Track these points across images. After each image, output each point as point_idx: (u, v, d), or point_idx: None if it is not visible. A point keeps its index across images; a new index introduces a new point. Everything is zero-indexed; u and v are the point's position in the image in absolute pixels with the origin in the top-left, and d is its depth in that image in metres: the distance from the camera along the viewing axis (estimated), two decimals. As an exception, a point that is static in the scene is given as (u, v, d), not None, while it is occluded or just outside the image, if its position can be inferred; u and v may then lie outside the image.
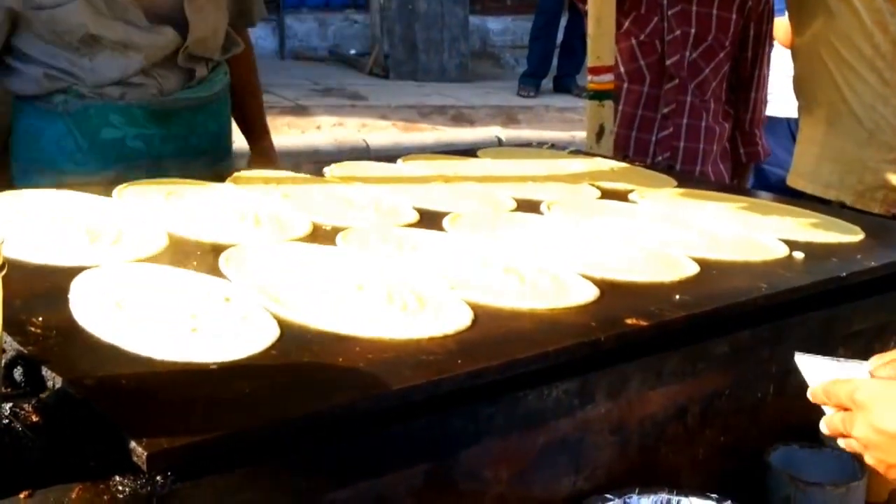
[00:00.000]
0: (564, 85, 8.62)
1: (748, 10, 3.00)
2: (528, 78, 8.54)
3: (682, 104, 2.96)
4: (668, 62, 2.92)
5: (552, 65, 8.76)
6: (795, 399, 1.53)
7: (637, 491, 1.29)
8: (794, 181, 2.89)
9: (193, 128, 2.18)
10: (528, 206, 1.90)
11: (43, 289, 1.26)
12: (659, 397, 1.35)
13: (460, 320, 1.27)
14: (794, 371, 1.50)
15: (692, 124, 3.01)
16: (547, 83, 8.72)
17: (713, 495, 1.29)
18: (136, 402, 0.99)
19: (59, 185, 1.76)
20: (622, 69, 2.95)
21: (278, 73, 7.80)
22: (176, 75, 2.14)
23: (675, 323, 1.35)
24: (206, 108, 2.22)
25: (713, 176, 3.01)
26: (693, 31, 2.93)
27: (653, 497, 1.29)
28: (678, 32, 2.92)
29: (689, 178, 2.47)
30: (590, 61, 2.85)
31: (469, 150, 2.40)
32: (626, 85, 2.96)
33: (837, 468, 1.46)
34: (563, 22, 8.59)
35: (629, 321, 1.31)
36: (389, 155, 2.39)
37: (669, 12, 2.90)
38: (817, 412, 1.56)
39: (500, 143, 6.48)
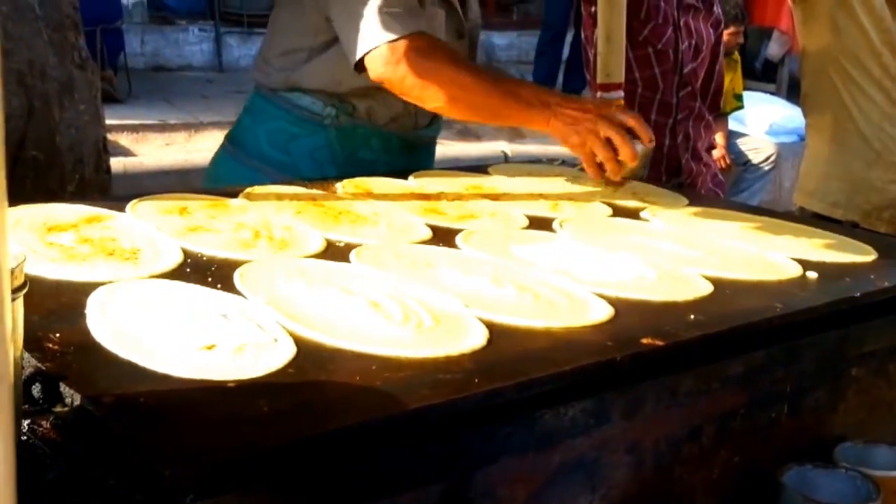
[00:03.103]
0: (570, 100, 8.62)
1: (721, 30, 3.34)
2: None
3: (692, 110, 3.16)
4: (685, 70, 3.05)
5: (558, 80, 8.77)
6: (809, 419, 1.54)
7: (652, 511, 1.29)
8: (800, 199, 2.89)
9: (419, 162, 2.44)
10: (541, 224, 1.90)
11: (60, 305, 1.26)
12: (674, 417, 1.34)
13: (476, 339, 1.27)
14: (809, 391, 1.50)
15: (696, 126, 3.28)
16: (553, 99, 8.72)
17: (729, 516, 1.29)
18: (155, 420, 0.99)
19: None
20: (636, 75, 3.06)
21: (285, 86, 7.78)
22: (428, 113, 2.37)
23: (691, 343, 1.35)
24: (429, 146, 2.57)
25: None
26: (694, 42, 3.10)
27: (668, 517, 1.29)
28: (687, 43, 3.06)
29: (700, 196, 2.47)
30: (599, 78, 2.84)
31: (480, 167, 2.40)
32: (639, 90, 3.07)
33: (851, 489, 1.45)
34: (569, 38, 8.60)
35: (645, 341, 1.31)
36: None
37: (681, 23, 3.04)
38: (831, 433, 1.57)
39: (506, 158, 6.49)
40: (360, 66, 2.07)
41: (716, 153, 5.28)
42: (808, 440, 1.54)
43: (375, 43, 2.02)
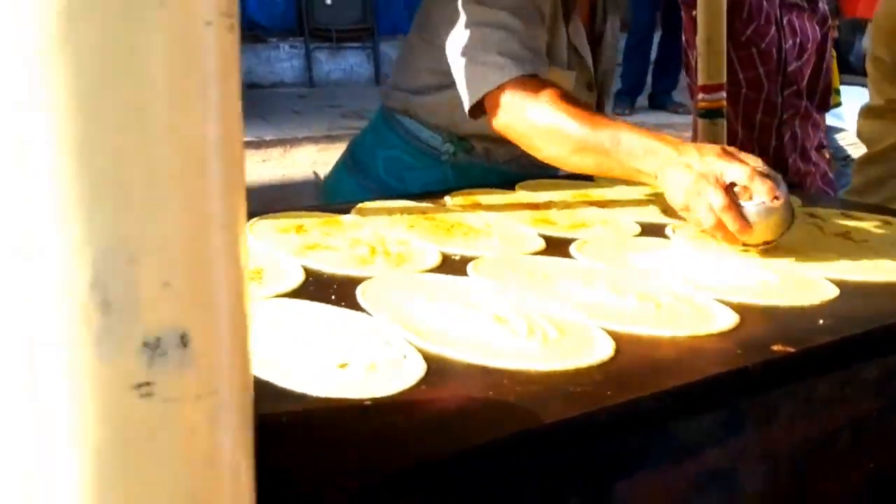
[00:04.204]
0: (660, 102, 8.57)
1: (828, 27, 3.31)
2: (623, 96, 8.50)
3: (798, 109, 3.10)
4: (789, 69, 3.04)
5: (646, 82, 8.70)
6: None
7: (789, 521, 1.27)
8: None
9: None
10: (653, 230, 1.88)
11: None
12: (808, 424, 1.32)
13: (603, 350, 1.26)
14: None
15: (803, 125, 3.27)
16: (641, 100, 8.66)
17: (869, 525, 1.26)
18: (298, 439, 1.00)
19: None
20: (741, 76, 3.05)
21: (374, 99, 7.84)
22: None
23: (823, 348, 1.32)
24: None
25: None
26: (799, 40, 3.06)
27: (806, 527, 1.26)
28: (791, 42, 3.05)
29: (811, 195, 2.43)
30: (700, 80, 2.82)
31: (586, 175, 2.39)
32: (744, 91, 3.06)
33: None
34: (656, 39, 8.53)
35: (775, 347, 1.29)
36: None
37: (784, 21, 3.02)
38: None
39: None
40: (474, 113, 2.03)
41: None
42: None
43: (488, 87, 1.97)
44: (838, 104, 6.43)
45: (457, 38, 2.04)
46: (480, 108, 2.03)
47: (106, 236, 0.59)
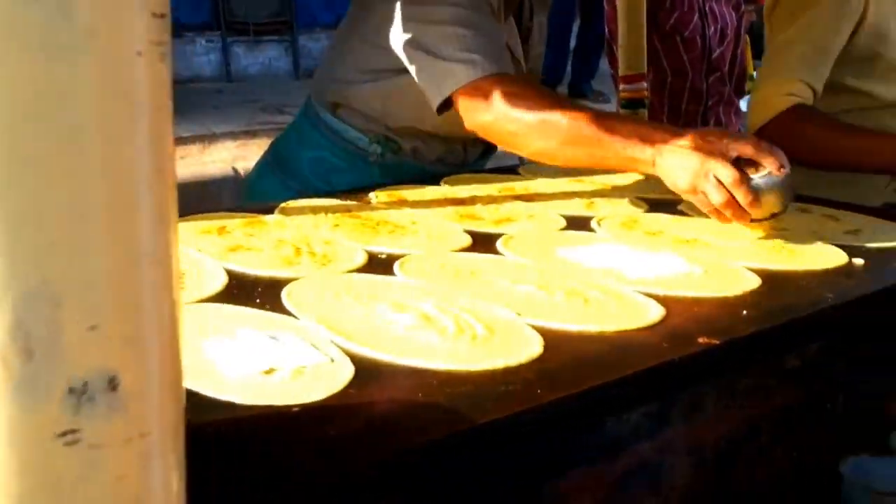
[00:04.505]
0: (580, 90, 8.59)
1: (742, 12, 3.36)
2: (543, 85, 8.52)
3: (722, 95, 3.17)
4: (713, 55, 3.10)
5: (566, 70, 8.74)
6: (867, 408, 1.53)
7: (718, 511, 1.28)
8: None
9: None
10: (578, 224, 1.89)
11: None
12: (733, 414, 1.34)
13: (532, 348, 1.26)
14: (865, 381, 1.49)
15: (727, 111, 3.33)
16: (561, 89, 8.69)
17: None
18: (226, 450, 0.98)
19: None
20: (665, 64, 3.11)
21: (294, 93, 7.77)
22: (480, 148, 2.34)
23: (747, 340, 1.33)
24: None
25: None
26: (720, 26, 3.14)
27: (734, 517, 1.28)
28: (713, 28, 3.12)
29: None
30: (622, 70, 2.86)
31: (510, 168, 2.39)
32: (669, 79, 3.12)
33: (912, 477, 1.44)
34: (575, 28, 8.57)
35: (701, 340, 1.30)
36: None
37: (706, 8, 3.09)
38: (888, 421, 1.56)
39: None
40: (441, 108, 1.99)
41: None
42: (866, 429, 1.53)
43: (458, 84, 1.93)
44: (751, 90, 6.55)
45: (414, 37, 1.99)
46: (447, 105, 1.99)
47: (28, 279, 0.56)
